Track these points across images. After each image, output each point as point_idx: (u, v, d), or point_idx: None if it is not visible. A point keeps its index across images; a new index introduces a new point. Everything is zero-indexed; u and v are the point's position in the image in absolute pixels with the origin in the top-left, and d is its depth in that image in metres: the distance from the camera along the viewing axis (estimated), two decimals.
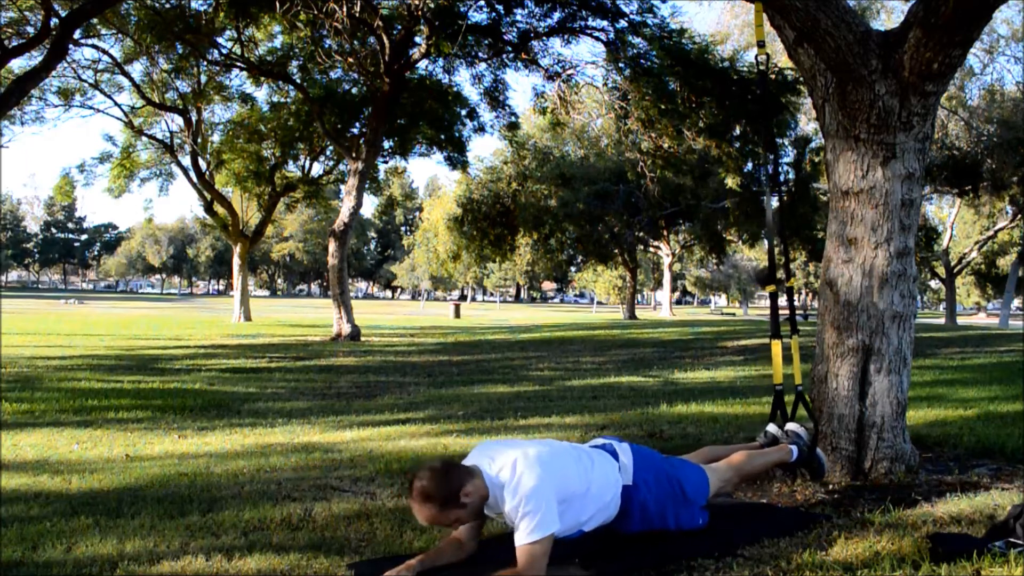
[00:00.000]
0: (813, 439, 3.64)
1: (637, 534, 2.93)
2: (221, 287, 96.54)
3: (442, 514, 2.60)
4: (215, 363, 11.57)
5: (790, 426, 3.68)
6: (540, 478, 2.60)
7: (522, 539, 2.56)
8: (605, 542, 2.92)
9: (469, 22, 14.69)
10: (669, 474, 3.04)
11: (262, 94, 22.90)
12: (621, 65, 14.47)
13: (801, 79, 5.34)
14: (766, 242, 4.22)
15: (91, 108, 23.64)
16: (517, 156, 29.33)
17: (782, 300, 4.19)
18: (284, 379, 9.83)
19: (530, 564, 2.54)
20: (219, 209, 26.38)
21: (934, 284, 52.34)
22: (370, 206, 75.51)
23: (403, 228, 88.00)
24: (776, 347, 3.91)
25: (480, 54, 16.50)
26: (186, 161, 25.44)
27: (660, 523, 2.96)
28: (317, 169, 26.78)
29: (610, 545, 2.89)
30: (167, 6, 15.93)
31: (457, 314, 38.16)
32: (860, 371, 3.84)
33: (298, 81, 19.01)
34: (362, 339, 17.16)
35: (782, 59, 13.59)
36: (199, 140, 24.43)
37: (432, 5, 14.46)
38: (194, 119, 23.90)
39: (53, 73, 18.15)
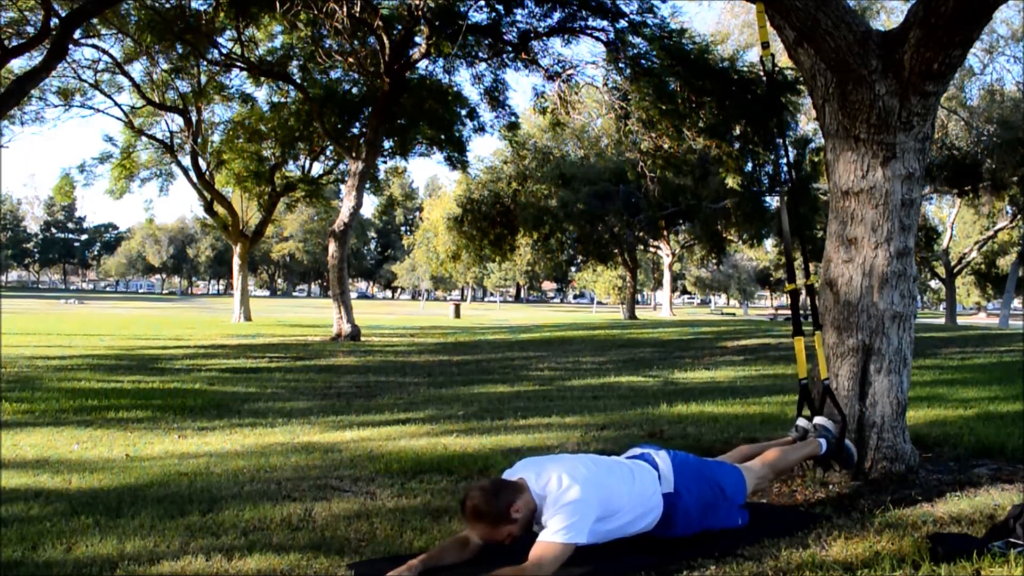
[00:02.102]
0: (841, 431, 3.69)
1: (680, 538, 2.97)
2: (221, 287, 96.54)
3: (495, 530, 2.66)
4: (215, 363, 11.57)
5: (818, 420, 3.74)
6: (584, 492, 2.66)
7: (546, 536, 2.60)
8: (604, 543, 2.91)
9: (469, 22, 14.69)
10: (708, 477, 3.09)
11: (262, 94, 22.93)
12: (621, 65, 14.47)
13: (801, 79, 5.34)
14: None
15: (91, 108, 23.68)
16: (517, 156, 29.34)
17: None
18: (284, 379, 9.83)
19: (540, 563, 2.55)
20: (219, 209, 26.38)
21: (934, 284, 52.33)
22: (370, 206, 75.60)
23: (403, 228, 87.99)
24: (799, 343, 3.96)
25: (480, 54, 16.51)
26: (186, 161, 25.45)
27: (701, 525, 3.00)
28: (317, 169, 26.82)
29: (610, 545, 2.89)
30: (167, 6, 15.93)
31: (457, 314, 38.17)
32: (860, 371, 3.84)
33: (298, 81, 19.01)
34: (362, 339, 17.16)
35: (782, 59, 13.60)
36: (199, 140, 24.43)
37: (432, 5, 14.46)
38: (194, 119, 23.90)
39: (53, 73, 18.15)
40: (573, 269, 52.83)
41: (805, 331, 3.94)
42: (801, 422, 3.77)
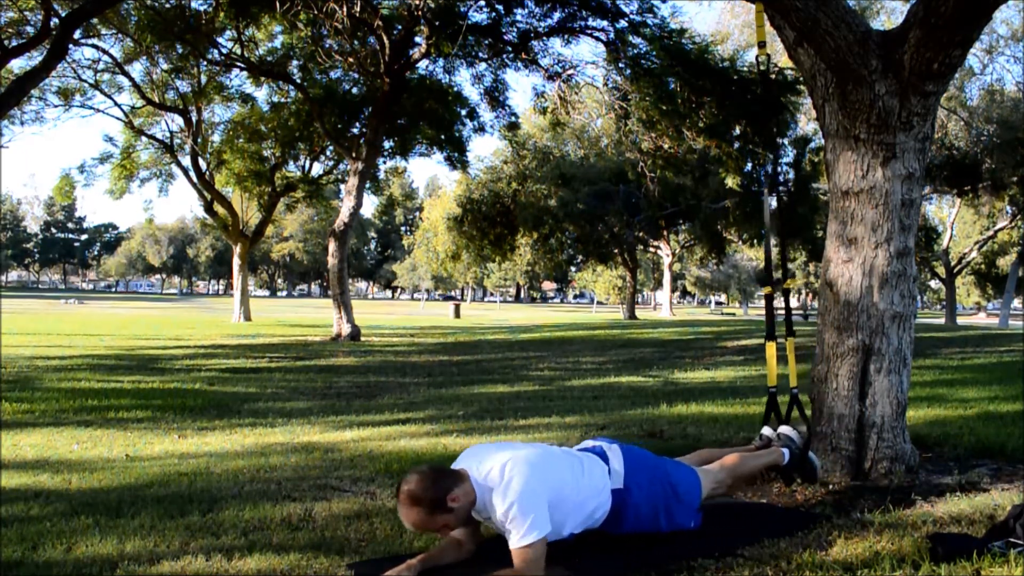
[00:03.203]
0: (806, 442, 3.62)
1: (629, 535, 2.92)
2: (221, 287, 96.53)
3: (430, 519, 2.59)
4: (215, 363, 11.57)
5: (783, 429, 3.67)
6: (529, 481, 2.59)
7: (515, 543, 2.55)
8: (603, 543, 2.91)
9: (469, 22, 14.69)
10: (662, 476, 3.02)
11: (262, 94, 22.94)
12: (621, 65, 14.48)
13: (801, 79, 5.34)
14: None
15: (91, 108, 23.69)
16: (517, 156, 29.36)
17: (780, 302, 4.19)
18: (284, 379, 9.83)
19: (526, 567, 2.53)
20: (219, 209, 26.38)
21: (934, 284, 52.34)
22: (370, 206, 75.58)
23: (403, 228, 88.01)
24: (771, 349, 3.91)
25: (480, 54, 16.51)
26: (186, 161, 25.45)
27: (652, 525, 2.94)
28: (317, 169, 26.82)
29: (608, 546, 2.89)
30: (167, 6, 15.93)
31: (457, 314, 38.18)
32: (860, 371, 3.84)
33: (298, 81, 19.02)
34: (362, 339, 17.17)
35: (782, 59, 13.59)
36: (199, 140, 24.43)
37: (432, 5, 14.46)
38: (194, 119, 23.90)
39: (53, 73, 18.16)
40: (573, 269, 52.85)
41: (778, 335, 3.90)
42: (766, 431, 3.71)
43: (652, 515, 2.93)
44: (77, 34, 16.72)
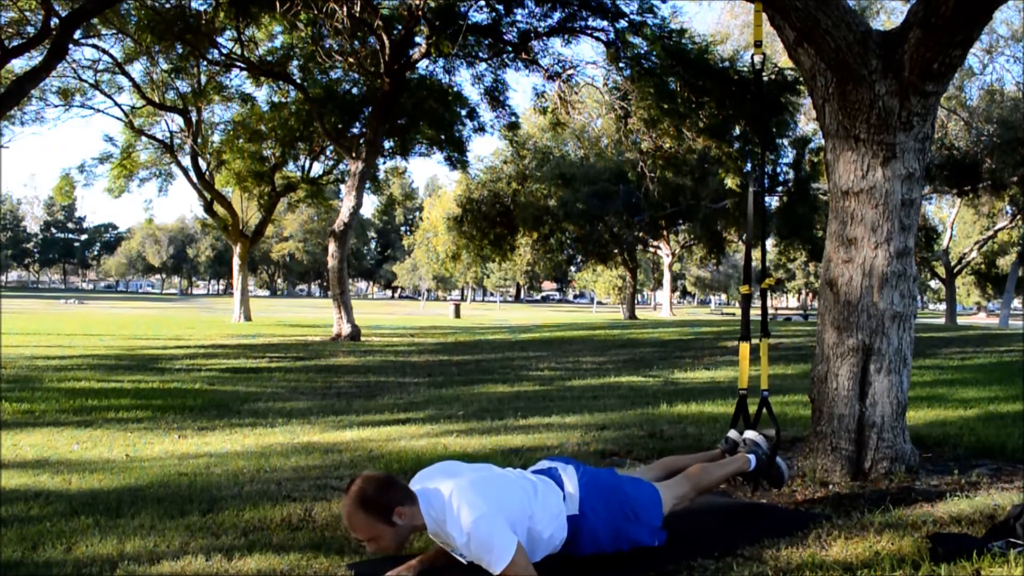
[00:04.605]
0: (773, 447, 3.52)
1: (589, 557, 2.81)
2: (221, 287, 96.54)
3: (368, 525, 2.50)
4: (215, 363, 11.57)
5: (748, 434, 3.55)
6: (479, 507, 2.48)
7: (494, 571, 2.46)
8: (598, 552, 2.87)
9: (469, 22, 14.70)
10: (620, 497, 2.88)
11: (262, 94, 22.90)
12: (621, 65, 14.49)
13: (801, 79, 5.34)
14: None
15: (91, 108, 23.67)
16: (517, 156, 29.35)
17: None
18: (284, 379, 9.83)
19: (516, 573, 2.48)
20: (219, 209, 26.37)
21: (934, 284, 52.33)
22: (370, 206, 75.65)
23: (403, 228, 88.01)
24: (744, 349, 3.88)
25: (480, 54, 16.51)
26: (186, 161, 25.44)
27: (613, 547, 2.83)
28: (317, 169, 26.80)
29: (603, 553, 2.86)
30: (167, 6, 15.93)
31: (457, 314, 38.17)
32: (860, 371, 3.84)
33: (298, 81, 19.00)
34: (362, 339, 17.16)
35: (782, 59, 13.60)
36: (199, 140, 24.43)
37: (432, 5, 14.47)
38: (194, 119, 23.90)
39: (53, 73, 18.14)
40: (573, 269, 52.84)
41: (752, 336, 3.84)
42: (732, 434, 3.60)
43: (611, 539, 2.82)
44: (77, 34, 16.72)
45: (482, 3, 15.08)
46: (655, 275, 58.17)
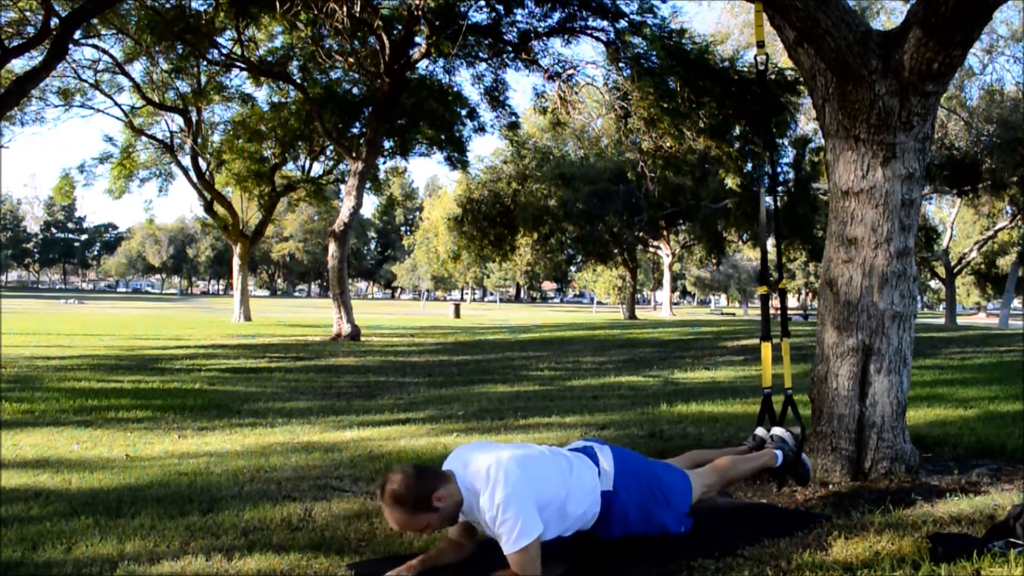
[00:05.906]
0: (799, 444, 3.57)
1: (617, 539, 2.88)
2: (221, 287, 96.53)
3: (413, 519, 2.54)
4: (215, 363, 11.57)
5: (776, 431, 3.61)
6: (515, 484, 2.54)
7: (508, 549, 2.52)
8: (601, 545, 2.90)
9: (469, 22, 14.69)
10: (651, 479, 2.96)
11: (262, 94, 22.92)
12: (622, 65, 14.49)
13: (801, 79, 5.34)
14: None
15: (91, 108, 23.67)
16: (517, 156, 29.35)
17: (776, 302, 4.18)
18: (284, 379, 9.83)
19: (522, 570, 2.51)
20: (219, 209, 26.37)
21: (934, 284, 52.33)
22: (370, 206, 75.51)
23: (403, 228, 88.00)
24: (766, 349, 3.90)
25: (480, 54, 16.52)
26: (186, 161, 25.45)
27: (641, 529, 2.90)
28: (317, 169, 26.82)
29: (607, 547, 2.88)
30: (167, 6, 15.93)
31: (457, 314, 38.17)
32: (860, 371, 3.83)
33: (298, 81, 19.01)
34: (362, 339, 17.17)
35: (782, 59, 13.60)
36: (199, 140, 24.43)
37: (432, 5, 14.47)
38: (194, 119, 23.90)
39: (53, 73, 18.14)
40: (573, 269, 52.85)
41: (773, 336, 3.87)
42: (759, 431, 3.66)
43: (640, 519, 2.89)
44: (77, 34, 16.71)
45: (482, 3, 15.08)
46: (655, 275, 58.17)
